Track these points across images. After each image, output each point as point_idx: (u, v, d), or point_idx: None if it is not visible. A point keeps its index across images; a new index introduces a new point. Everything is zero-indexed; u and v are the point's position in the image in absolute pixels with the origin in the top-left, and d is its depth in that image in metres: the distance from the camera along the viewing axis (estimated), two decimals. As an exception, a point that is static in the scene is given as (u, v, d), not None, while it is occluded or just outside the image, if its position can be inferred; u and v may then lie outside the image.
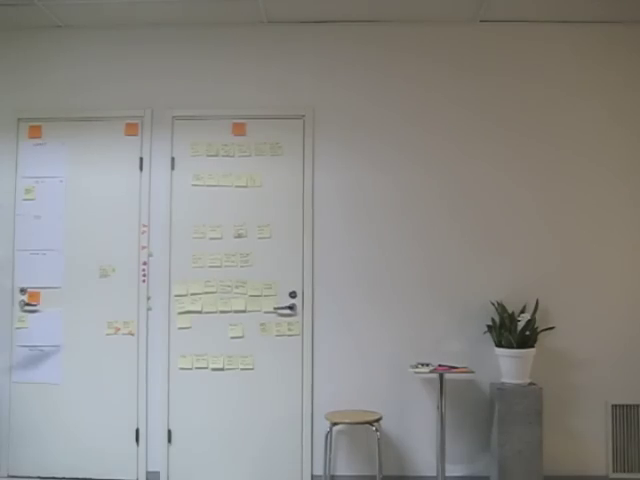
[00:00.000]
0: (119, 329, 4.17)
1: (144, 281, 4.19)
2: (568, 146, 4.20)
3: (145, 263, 4.18)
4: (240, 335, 4.17)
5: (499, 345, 3.90)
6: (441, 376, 3.86)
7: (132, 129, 4.29)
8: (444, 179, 4.23)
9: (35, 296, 4.20)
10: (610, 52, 4.24)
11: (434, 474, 3.94)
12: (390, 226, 4.20)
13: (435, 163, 4.22)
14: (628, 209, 4.18)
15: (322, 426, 3.89)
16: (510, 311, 3.93)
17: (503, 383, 3.87)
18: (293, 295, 4.17)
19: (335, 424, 3.81)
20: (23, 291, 4.22)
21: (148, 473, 4.12)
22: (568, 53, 4.25)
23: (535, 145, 4.21)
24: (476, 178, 4.20)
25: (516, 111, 4.23)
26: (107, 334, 4.16)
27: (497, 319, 3.95)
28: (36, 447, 4.15)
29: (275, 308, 4.18)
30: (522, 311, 3.95)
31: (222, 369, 4.15)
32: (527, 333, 3.84)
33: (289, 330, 4.16)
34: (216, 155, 4.27)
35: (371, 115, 4.25)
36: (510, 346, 3.83)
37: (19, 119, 4.30)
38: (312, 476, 4.07)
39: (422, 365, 3.92)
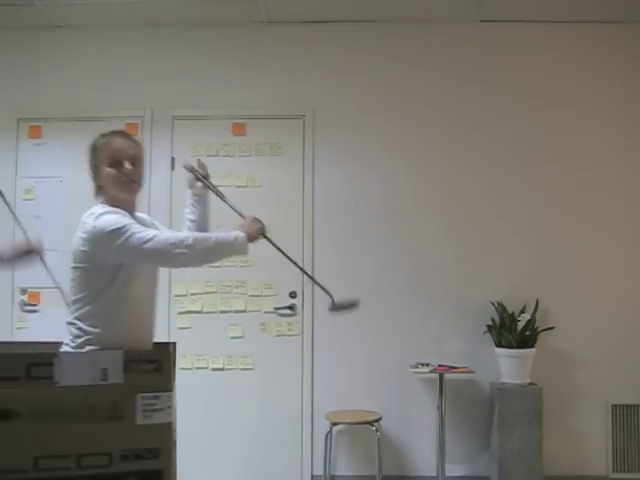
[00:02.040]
0: (119, 329, 4.16)
1: (144, 281, 4.18)
2: (568, 146, 4.20)
3: (145, 263, 4.18)
4: (240, 335, 4.17)
5: (499, 345, 3.90)
6: (441, 376, 3.86)
7: (132, 129, 4.27)
8: (444, 179, 4.22)
9: (35, 296, 4.20)
10: (610, 52, 4.24)
11: (434, 474, 3.94)
12: (391, 226, 4.20)
13: (435, 163, 4.22)
14: (627, 209, 4.18)
15: (322, 426, 3.89)
16: (510, 311, 3.93)
17: (503, 383, 3.87)
18: (293, 295, 4.17)
19: (335, 424, 3.81)
20: (23, 291, 4.22)
21: (148, 473, 4.12)
22: (568, 53, 4.25)
23: (535, 145, 4.20)
24: (476, 179, 4.20)
25: (516, 111, 4.23)
26: (107, 334, 4.15)
27: (497, 319, 3.95)
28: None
29: (275, 308, 4.18)
30: (522, 311, 3.95)
31: (222, 369, 4.15)
32: (527, 333, 3.84)
33: (289, 330, 4.16)
34: (216, 155, 4.26)
35: (371, 115, 4.25)
36: (510, 346, 3.83)
37: (19, 119, 4.30)
38: (312, 476, 4.07)
39: (422, 365, 3.92)
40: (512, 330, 3.85)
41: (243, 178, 4.24)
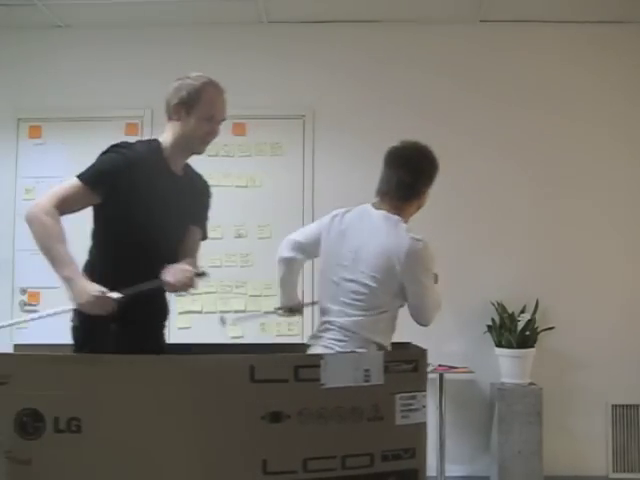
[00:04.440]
0: (119, 329, 4.16)
1: (144, 281, 4.18)
2: (569, 146, 4.20)
3: (145, 263, 4.17)
4: (240, 335, 4.16)
5: (499, 345, 3.90)
6: (441, 376, 3.86)
7: (132, 129, 4.28)
8: (443, 179, 4.21)
9: (35, 296, 4.20)
10: (610, 52, 4.24)
11: (434, 474, 3.94)
12: (390, 226, 4.19)
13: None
14: (628, 210, 4.18)
15: (322, 426, 3.89)
16: (510, 311, 3.93)
17: (503, 383, 3.87)
18: (293, 295, 4.16)
19: (335, 424, 3.81)
20: (23, 291, 4.22)
21: (148, 473, 4.12)
22: (569, 53, 4.25)
23: (535, 145, 4.20)
24: (475, 179, 4.20)
25: (516, 111, 4.22)
26: (107, 334, 4.15)
27: (497, 319, 3.95)
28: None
29: (275, 308, 4.17)
30: (522, 311, 3.95)
31: (222, 369, 4.15)
32: (527, 333, 3.85)
33: (289, 330, 4.16)
34: (216, 155, 4.25)
35: (371, 114, 4.25)
36: (510, 346, 3.84)
37: (19, 119, 4.30)
38: (312, 476, 4.07)
39: (422, 365, 3.92)
40: (512, 330, 3.85)
41: (243, 178, 4.24)
